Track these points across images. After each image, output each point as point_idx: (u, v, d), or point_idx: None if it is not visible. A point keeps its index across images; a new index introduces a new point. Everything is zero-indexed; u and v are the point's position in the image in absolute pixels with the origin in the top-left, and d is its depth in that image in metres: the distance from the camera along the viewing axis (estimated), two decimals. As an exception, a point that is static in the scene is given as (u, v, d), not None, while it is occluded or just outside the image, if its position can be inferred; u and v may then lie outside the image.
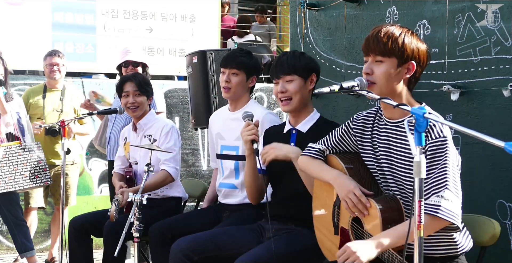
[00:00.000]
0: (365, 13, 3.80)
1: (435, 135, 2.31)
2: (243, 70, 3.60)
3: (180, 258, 3.18)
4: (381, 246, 2.28)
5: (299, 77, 3.07)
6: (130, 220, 3.46)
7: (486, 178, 3.10)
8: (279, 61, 3.10)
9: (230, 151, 3.66)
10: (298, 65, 3.07)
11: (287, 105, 3.08)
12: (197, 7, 7.65)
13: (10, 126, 4.91)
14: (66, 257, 4.05)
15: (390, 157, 2.46)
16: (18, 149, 4.77)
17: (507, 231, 3.00)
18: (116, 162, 4.39)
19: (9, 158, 4.75)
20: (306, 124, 3.13)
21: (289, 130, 3.17)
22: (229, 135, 3.68)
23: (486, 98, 3.10)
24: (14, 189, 4.74)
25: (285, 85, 3.06)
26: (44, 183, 4.88)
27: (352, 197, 2.43)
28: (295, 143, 3.11)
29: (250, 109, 3.45)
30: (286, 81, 3.06)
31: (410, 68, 2.43)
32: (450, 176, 2.27)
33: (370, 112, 2.60)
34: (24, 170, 4.78)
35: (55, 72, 5.45)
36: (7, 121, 4.89)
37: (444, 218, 2.22)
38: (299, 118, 3.15)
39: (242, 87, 3.61)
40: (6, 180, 4.71)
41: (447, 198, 2.23)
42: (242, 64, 3.61)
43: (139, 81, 4.17)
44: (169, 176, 4.03)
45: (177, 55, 7.52)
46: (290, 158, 2.94)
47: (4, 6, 6.75)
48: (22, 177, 4.77)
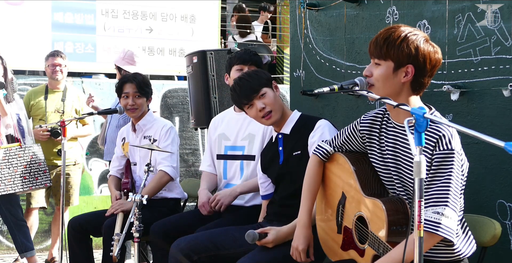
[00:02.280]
0: (365, 13, 3.80)
1: (443, 146, 2.29)
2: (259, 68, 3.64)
3: (180, 258, 3.19)
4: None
5: (268, 88, 3.17)
6: (130, 220, 3.47)
7: (486, 178, 3.10)
8: (241, 89, 3.15)
9: (235, 152, 3.67)
10: (261, 81, 3.16)
11: (269, 119, 3.15)
12: (197, 7, 7.65)
13: (10, 128, 4.91)
14: (66, 257, 4.05)
15: (397, 159, 2.45)
16: (18, 151, 4.76)
17: (507, 231, 3.00)
18: (113, 164, 4.38)
19: (8, 160, 4.74)
20: (288, 126, 3.22)
21: (276, 136, 3.25)
22: (234, 135, 3.69)
23: (486, 98, 3.09)
24: (13, 191, 4.73)
25: (262, 101, 3.13)
26: (44, 185, 4.87)
27: (297, 254, 2.79)
28: (282, 146, 3.20)
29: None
30: (260, 96, 3.13)
31: (408, 71, 2.37)
32: (452, 191, 2.26)
33: (377, 113, 2.58)
34: (24, 172, 4.77)
35: (57, 73, 5.45)
36: (7, 122, 4.88)
37: (444, 236, 2.24)
38: (281, 124, 3.22)
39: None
40: (6, 182, 4.71)
41: (447, 216, 2.24)
42: (259, 63, 3.72)
43: (139, 83, 4.16)
44: (165, 175, 4.02)
45: (177, 55, 7.51)
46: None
47: (4, 6, 6.75)
48: (22, 179, 4.76)
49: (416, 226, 1.93)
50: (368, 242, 2.45)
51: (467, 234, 2.46)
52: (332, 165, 2.74)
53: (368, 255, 2.46)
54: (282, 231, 2.97)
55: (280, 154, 3.21)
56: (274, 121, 3.17)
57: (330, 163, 2.76)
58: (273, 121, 3.16)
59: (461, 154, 2.33)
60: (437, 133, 2.30)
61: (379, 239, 2.37)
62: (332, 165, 2.74)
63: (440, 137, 2.29)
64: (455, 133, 2.32)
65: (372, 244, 2.42)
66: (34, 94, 5.54)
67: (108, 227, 3.90)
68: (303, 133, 3.15)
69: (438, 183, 2.28)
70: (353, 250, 2.56)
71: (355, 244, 2.55)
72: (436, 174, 2.29)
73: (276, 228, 2.98)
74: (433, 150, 2.30)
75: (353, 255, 2.56)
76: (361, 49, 3.79)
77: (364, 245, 2.48)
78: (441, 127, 2.31)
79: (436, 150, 2.29)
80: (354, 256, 2.55)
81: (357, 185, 2.53)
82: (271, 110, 3.14)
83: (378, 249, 2.38)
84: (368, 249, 2.46)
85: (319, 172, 2.78)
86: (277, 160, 3.22)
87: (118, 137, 4.44)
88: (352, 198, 2.58)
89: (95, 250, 4.34)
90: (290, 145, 3.17)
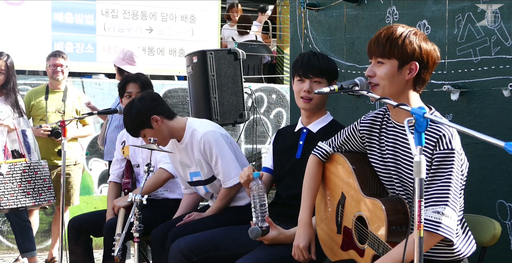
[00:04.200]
0: (365, 13, 3.80)
1: (443, 146, 2.29)
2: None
3: (179, 259, 3.19)
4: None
5: (326, 81, 3.08)
6: (130, 220, 3.46)
7: (486, 178, 3.10)
8: (310, 61, 3.09)
9: (197, 177, 3.75)
10: (329, 70, 3.09)
11: (307, 104, 3.08)
12: (197, 7, 7.66)
13: (16, 143, 4.98)
14: (66, 257, 4.05)
15: (397, 159, 2.45)
16: (23, 167, 4.80)
17: (507, 231, 3.00)
18: (113, 167, 4.37)
19: (13, 175, 4.76)
20: (318, 125, 3.14)
21: (301, 129, 3.17)
22: (189, 163, 3.73)
23: (486, 98, 3.10)
24: (15, 206, 4.75)
25: (313, 86, 3.06)
26: (47, 202, 4.88)
27: (298, 252, 2.76)
28: (304, 141, 3.12)
29: (191, 133, 3.63)
30: (314, 82, 3.07)
31: (412, 68, 2.41)
32: (452, 190, 2.27)
33: (378, 113, 2.59)
34: (28, 187, 4.79)
35: (59, 73, 5.45)
36: (13, 138, 4.96)
37: (445, 235, 2.24)
38: (312, 119, 3.15)
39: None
40: (8, 196, 4.73)
41: (447, 215, 2.24)
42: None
43: (142, 83, 4.17)
44: (164, 172, 4.02)
45: (177, 55, 7.52)
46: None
47: (4, 6, 6.75)
48: (25, 194, 4.78)
49: (416, 226, 1.94)
50: (368, 242, 2.45)
51: (467, 234, 2.46)
52: (332, 166, 2.74)
53: (367, 255, 2.46)
54: (284, 234, 2.96)
55: (299, 148, 3.14)
56: (309, 109, 3.09)
57: (330, 164, 2.75)
58: (308, 108, 3.08)
59: (461, 154, 2.33)
60: (437, 133, 2.31)
61: (378, 239, 2.37)
62: (332, 166, 2.74)
63: (440, 137, 2.30)
64: (455, 133, 2.32)
65: (371, 244, 2.42)
66: (34, 94, 5.54)
67: (109, 227, 3.90)
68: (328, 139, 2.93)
69: (438, 182, 2.28)
70: (352, 250, 2.56)
71: (355, 244, 2.55)
72: (436, 173, 2.29)
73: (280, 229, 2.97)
74: (433, 149, 2.30)
75: (352, 255, 2.56)
76: (361, 49, 3.79)
77: (364, 245, 2.48)
78: (441, 127, 2.32)
79: (436, 149, 2.30)
80: (354, 256, 2.55)
81: (356, 185, 2.53)
82: (312, 98, 3.06)
83: (378, 249, 2.38)
84: (368, 249, 2.46)
85: (318, 172, 2.77)
86: (293, 152, 3.15)
87: (117, 140, 4.42)
88: (351, 198, 2.57)
89: (95, 250, 4.34)
90: (311, 144, 3.02)
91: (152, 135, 3.57)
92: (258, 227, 2.89)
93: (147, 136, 3.58)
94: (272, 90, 7.54)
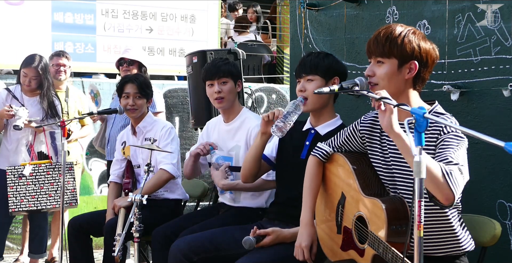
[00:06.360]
0: (365, 13, 3.80)
1: (448, 130, 2.31)
2: (230, 77, 3.69)
3: (179, 259, 3.18)
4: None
5: (320, 78, 3.03)
6: (130, 220, 3.46)
7: (486, 178, 3.10)
8: (303, 61, 3.09)
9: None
10: (320, 66, 3.03)
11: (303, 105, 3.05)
12: (197, 7, 7.66)
13: (43, 145, 5.03)
14: (66, 257, 4.05)
15: (399, 159, 2.45)
16: (47, 168, 4.81)
17: (507, 231, 3.00)
18: (114, 167, 4.36)
19: (36, 177, 4.78)
20: (326, 128, 3.11)
21: (308, 129, 3.15)
22: (224, 146, 3.72)
23: (486, 98, 3.09)
24: (35, 208, 4.79)
25: (305, 85, 3.04)
26: (69, 204, 4.90)
27: (300, 252, 2.75)
28: (310, 142, 3.09)
29: (244, 119, 3.59)
30: (307, 80, 3.04)
31: (412, 67, 2.42)
32: (462, 160, 2.26)
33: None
34: (50, 189, 4.82)
35: (61, 73, 5.45)
36: (41, 139, 5.03)
37: (451, 185, 2.17)
38: (319, 120, 3.12)
39: (234, 94, 3.71)
40: (29, 198, 4.77)
41: (462, 172, 2.21)
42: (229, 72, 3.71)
43: (140, 83, 4.16)
44: (165, 173, 4.02)
45: (177, 55, 7.52)
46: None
47: (4, 6, 6.75)
48: (47, 196, 4.80)
49: (416, 226, 1.94)
50: (368, 242, 2.45)
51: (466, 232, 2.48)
52: (332, 166, 2.74)
53: (368, 255, 2.46)
54: (283, 235, 2.96)
55: (305, 148, 3.11)
56: (306, 110, 3.03)
57: (330, 164, 2.75)
58: (305, 109, 3.01)
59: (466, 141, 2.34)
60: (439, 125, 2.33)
61: (379, 238, 2.37)
62: (332, 166, 2.74)
63: (443, 127, 2.33)
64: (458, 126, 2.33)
65: (372, 244, 2.42)
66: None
67: (109, 227, 3.90)
68: None
69: (450, 150, 2.26)
70: (353, 250, 2.56)
71: (355, 244, 2.55)
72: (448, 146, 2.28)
73: (278, 229, 2.97)
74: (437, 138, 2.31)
75: (353, 255, 2.56)
76: (361, 49, 3.79)
77: (364, 245, 2.48)
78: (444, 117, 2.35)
79: (441, 135, 2.31)
80: (354, 256, 2.55)
81: (356, 185, 2.53)
82: (307, 98, 3.02)
83: (378, 249, 2.38)
84: (368, 249, 2.45)
85: (319, 173, 2.77)
86: (299, 151, 3.12)
87: (117, 141, 4.42)
88: (351, 198, 2.57)
89: (95, 250, 4.34)
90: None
91: (228, 89, 3.66)
92: (250, 237, 2.91)
93: (225, 86, 3.65)
94: (272, 90, 7.54)
